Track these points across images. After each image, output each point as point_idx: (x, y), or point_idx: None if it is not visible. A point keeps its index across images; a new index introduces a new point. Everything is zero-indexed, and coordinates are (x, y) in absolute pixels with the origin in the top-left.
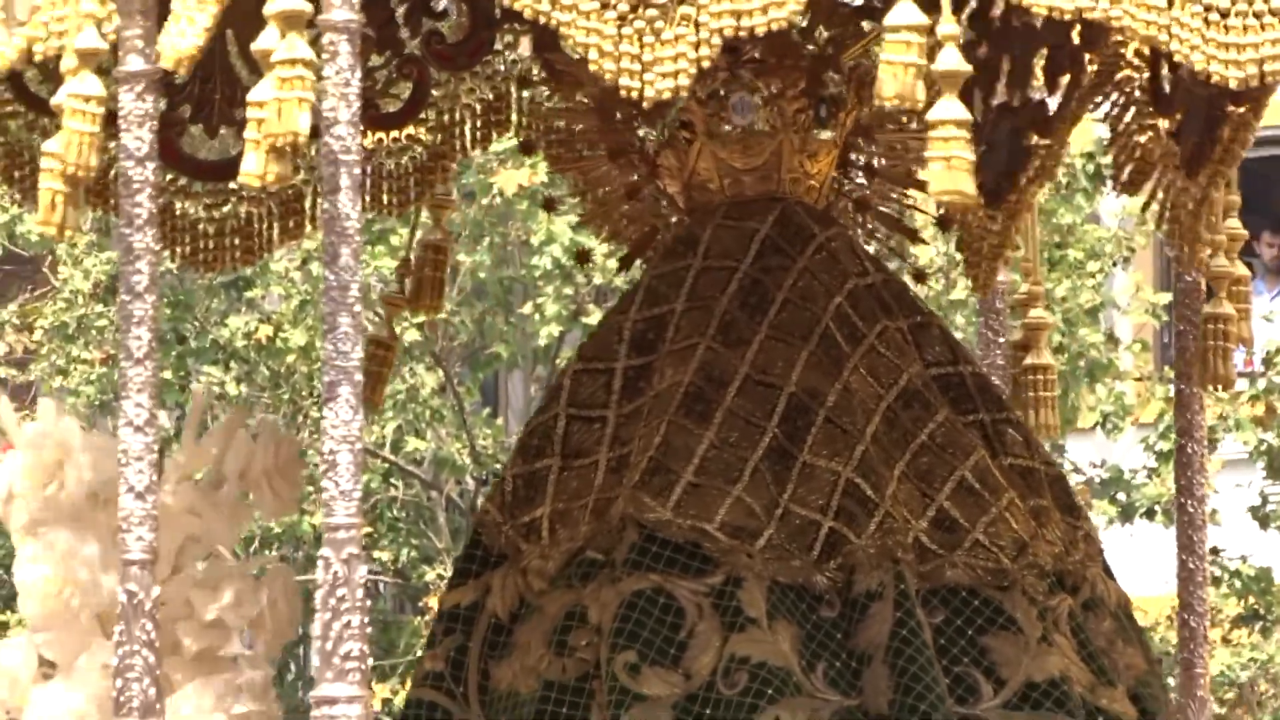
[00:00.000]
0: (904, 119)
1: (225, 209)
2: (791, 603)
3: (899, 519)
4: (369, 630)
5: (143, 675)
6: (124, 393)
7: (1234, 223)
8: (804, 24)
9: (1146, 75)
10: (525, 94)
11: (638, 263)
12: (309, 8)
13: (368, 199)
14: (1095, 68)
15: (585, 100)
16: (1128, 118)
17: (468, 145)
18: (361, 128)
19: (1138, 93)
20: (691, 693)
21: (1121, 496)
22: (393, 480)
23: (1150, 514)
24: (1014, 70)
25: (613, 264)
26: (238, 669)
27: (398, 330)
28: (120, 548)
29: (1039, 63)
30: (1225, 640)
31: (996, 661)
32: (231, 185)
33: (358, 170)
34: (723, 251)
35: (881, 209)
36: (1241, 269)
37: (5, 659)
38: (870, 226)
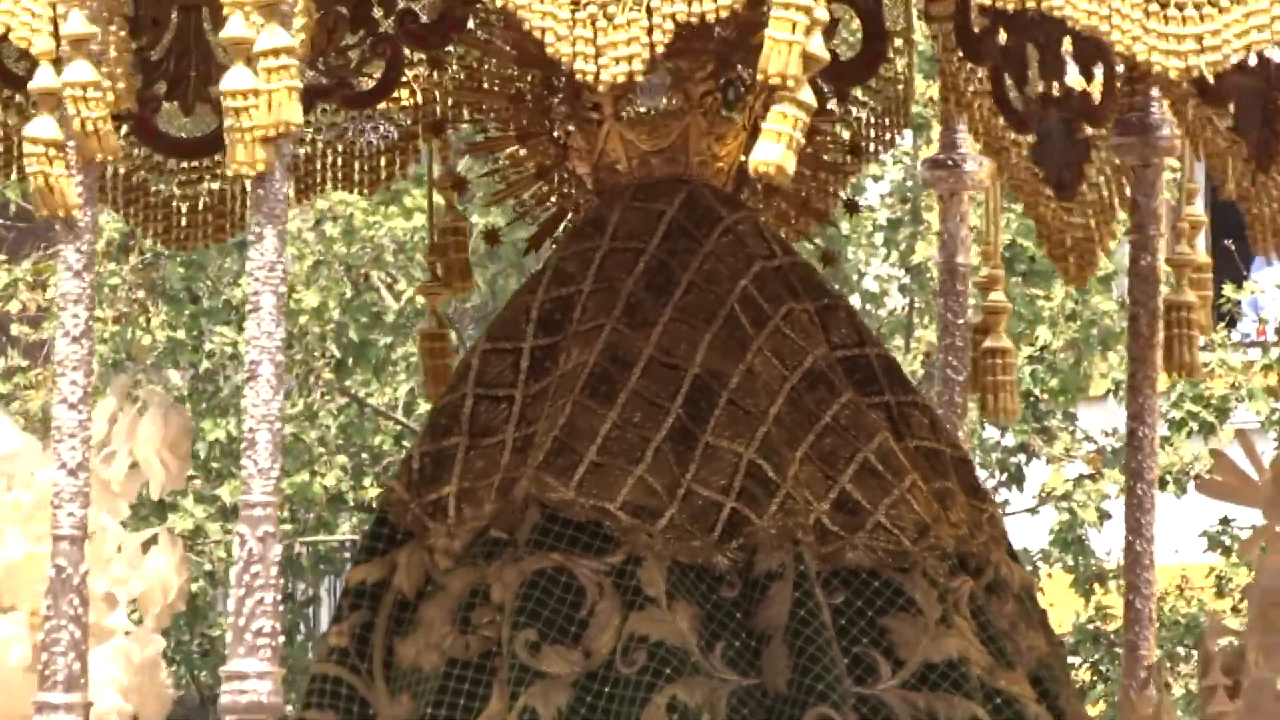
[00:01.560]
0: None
1: (200, 186)
2: (691, 582)
3: (800, 500)
4: (281, 607)
5: (68, 650)
6: (60, 370)
7: (1193, 209)
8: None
9: None
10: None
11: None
12: None
13: (340, 177)
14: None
15: (496, 81)
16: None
17: (439, 124)
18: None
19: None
20: (591, 671)
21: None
22: (404, 443)
23: (1162, 483)
24: (1044, 59)
25: None
26: (125, 642)
27: (409, 292)
28: (52, 523)
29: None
30: (1235, 610)
31: (895, 642)
32: (205, 162)
33: (287, 153)
34: (630, 233)
35: (791, 191)
36: (1203, 257)
37: None
38: (781, 208)
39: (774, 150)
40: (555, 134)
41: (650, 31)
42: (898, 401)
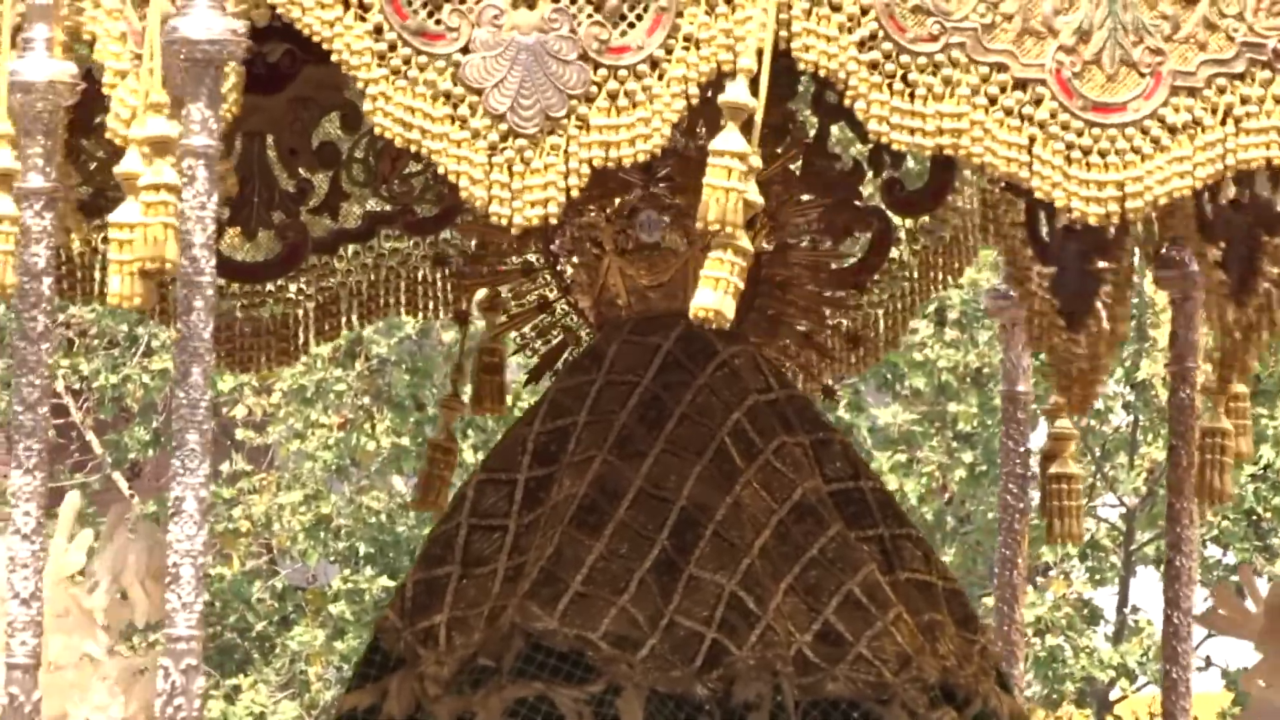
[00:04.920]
0: (816, 241)
1: (262, 310)
2: (670, 712)
3: (781, 632)
4: None
5: None
6: (13, 502)
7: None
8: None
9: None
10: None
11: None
12: (175, 133)
13: (400, 301)
14: None
15: None
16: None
17: (504, 251)
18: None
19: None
20: None
21: None
22: None
23: None
24: None
25: None
26: None
27: None
28: (6, 651)
29: None
30: None
31: None
32: (269, 287)
33: (211, 293)
34: (626, 367)
35: (795, 326)
36: (1239, 386)
37: None
38: (784, 343)
39: (711, 297)
40: (559, 268)
41: (566, 175)
42: (891, 534)
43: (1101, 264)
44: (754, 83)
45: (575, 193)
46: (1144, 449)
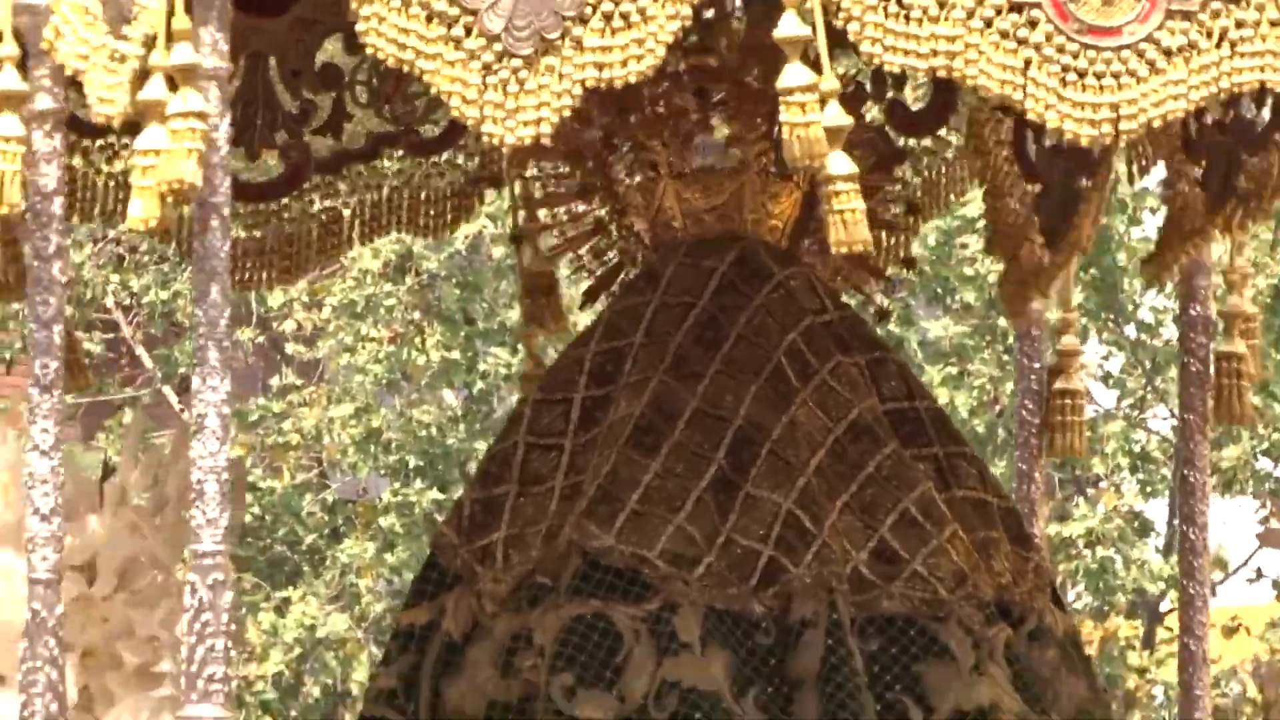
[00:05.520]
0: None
1: (266, 229)
2: (727, 629)
3: (838, 550)
4: (231, 651)
5: (45, 691)
6: (31, 418)
7: (1242, 261)
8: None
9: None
10: None
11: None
12: (198, 61)
13: (406, 221)
14: None
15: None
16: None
17: (497, 177)
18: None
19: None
20: (624, 716)
21: None
22: None
23: None
24: None
25: None
26: (169, 684)
27: None
28: (28, 567)
29: None
30: None
31: (928, 689)
32: (272, 206)
33: (226, 212)
34: (682, 289)
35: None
36: (1250, 307)
37: None
38: (837, 265)
39: (842, 233)
40: (614, 189)
41: (559, 95)
42: (946, 453)
43: (1085, 182)
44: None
45: (568, 112)
46: None
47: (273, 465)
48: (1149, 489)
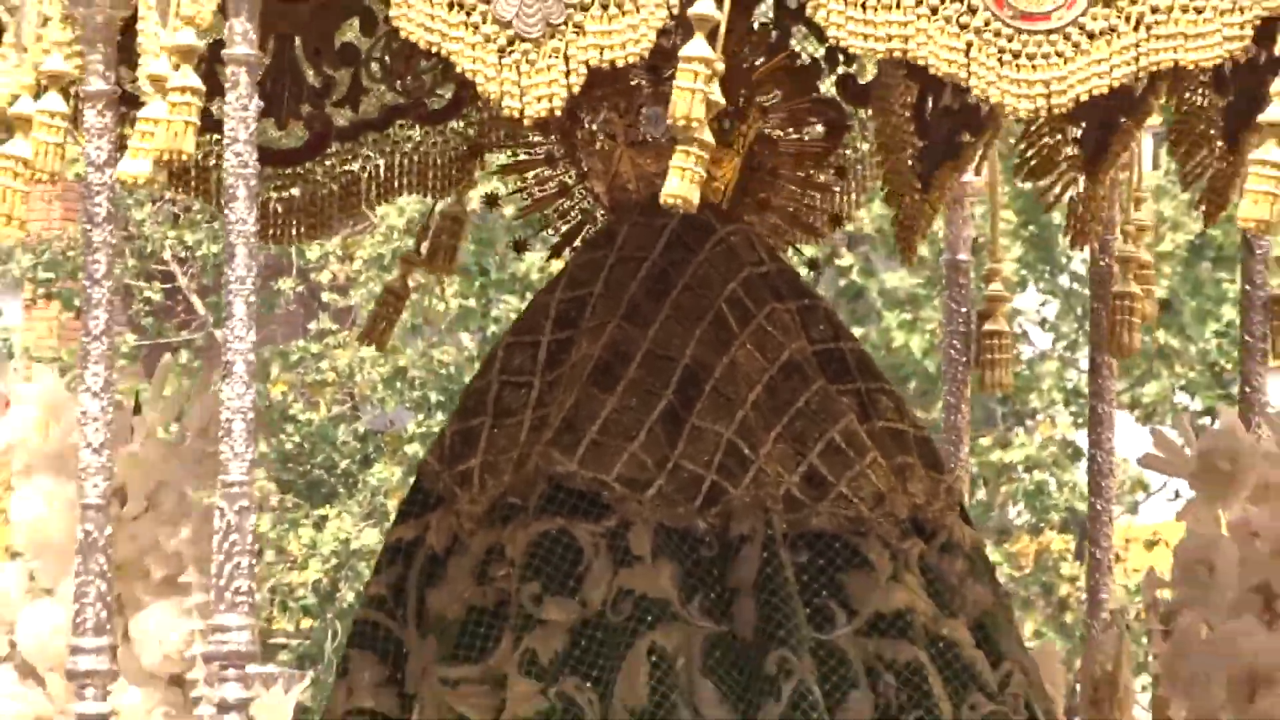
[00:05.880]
0: (798, 133)
1: (292, 189)
2: (675, 544)
3: (772, 474)
4: (255, 566)
5: (96, 600)
6: (83, 364)
7: (1140, 214)
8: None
9: None
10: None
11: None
12: (201, 46)
13: (413, 182)
14: None
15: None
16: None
17: (480, 148)
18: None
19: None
20: (585, 619)
21: None
22: None
23: None
24: None
25: None
26: (190, 593)
27: None
28: (80, 493)
29: None
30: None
31: (851, 595)
32: (299, 169)
33: (254, 182)
34: (635, 245)
35: (784, 207)
36: (1145, 255)
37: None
38: (774, 222)
39: (678, 185)
40: (577, 157)
41: (567, 75)
42: (867, 389)
43: (966, 138)
44: None
45: (575, 89)
46: None
47: (311, 400)
48: (1079, 420)
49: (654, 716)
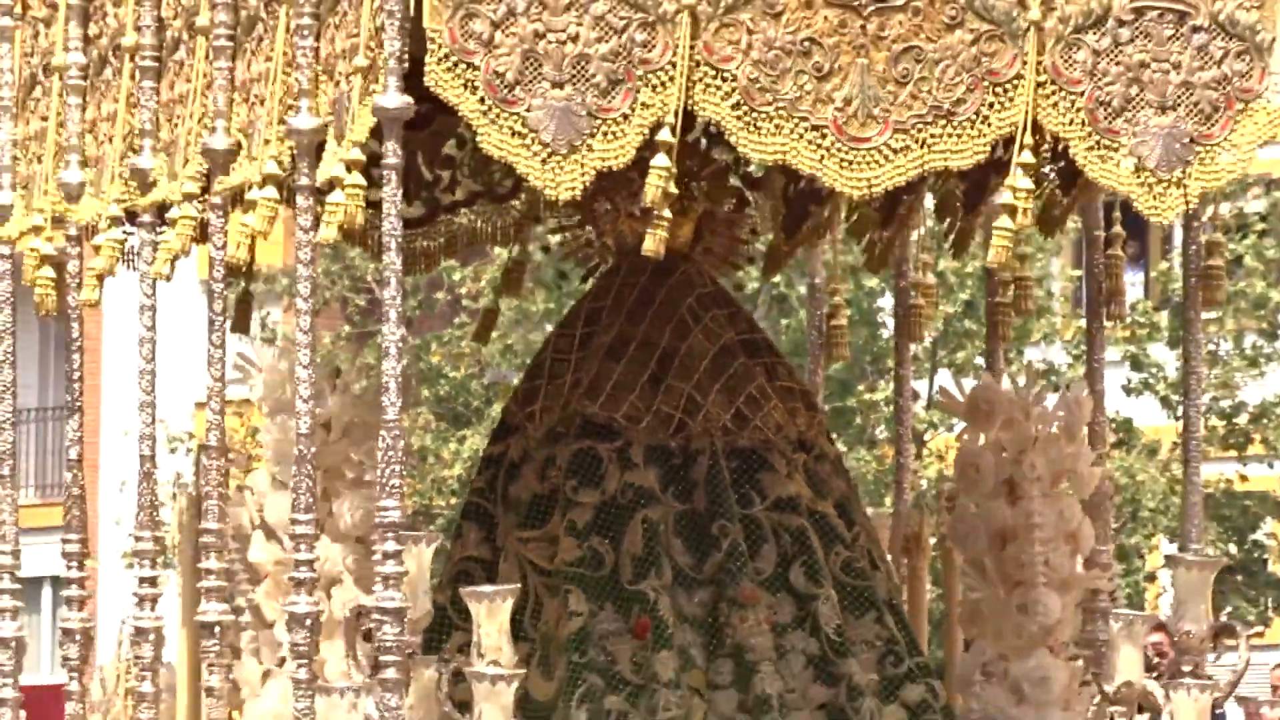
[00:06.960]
0: (724, 206)
1: (415, 242)
2: (657, 456)
3: (715, 414)
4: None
5: (306, 493)
6: (298, 347)
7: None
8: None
9: None
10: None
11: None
12: (362, 158)
13: (490, 237)
14: None
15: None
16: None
17: (536, 217)
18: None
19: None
20: (604, 501)
21: None
22: None
23: None
24: None
25: None
26: (370, 487)
27: None
28: (297, 425)
29: None
30: None
31: (763, 486)
32: (418, 230)
33: (398, 239)
34: (631, 275)
35: (720, 255)
36: (930, 279)
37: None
38: (712, 262)
39: (652, 242)
40: (596, 221)
41: (584, 173)
42: (772, 361)
43: (814, 209)
44: (672, 129)
45: (589, 182)
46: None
47: (455, 364)
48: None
49: (645, 560)
